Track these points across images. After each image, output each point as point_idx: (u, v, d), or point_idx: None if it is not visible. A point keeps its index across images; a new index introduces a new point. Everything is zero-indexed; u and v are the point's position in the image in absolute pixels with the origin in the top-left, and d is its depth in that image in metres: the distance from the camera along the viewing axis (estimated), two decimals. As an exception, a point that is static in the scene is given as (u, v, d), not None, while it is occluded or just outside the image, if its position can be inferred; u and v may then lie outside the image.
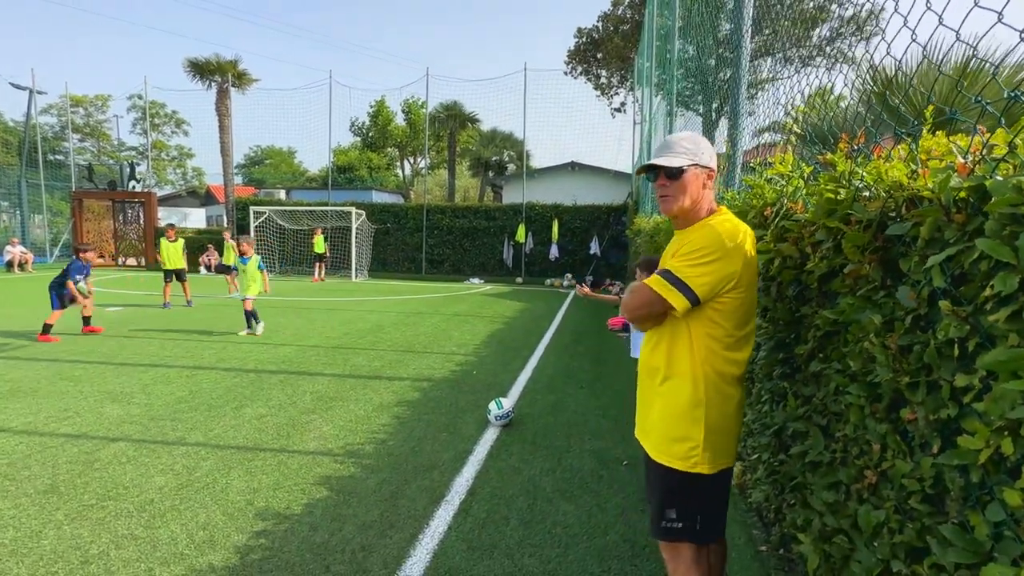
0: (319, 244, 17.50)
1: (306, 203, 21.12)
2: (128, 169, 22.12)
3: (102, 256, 20.94)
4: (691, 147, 1.68)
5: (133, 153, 36.64)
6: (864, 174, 1.52)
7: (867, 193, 1.49)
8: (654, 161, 1.68)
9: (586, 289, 4.86)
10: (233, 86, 22.06)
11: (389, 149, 43.26)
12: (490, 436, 4.23)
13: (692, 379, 1.62)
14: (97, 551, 2.64)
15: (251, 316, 8.21)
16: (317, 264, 17.63)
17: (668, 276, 1.57)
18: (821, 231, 1.61)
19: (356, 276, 18.03)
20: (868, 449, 1.44)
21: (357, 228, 18.18)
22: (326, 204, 19.95)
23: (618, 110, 26.74)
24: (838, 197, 1.55)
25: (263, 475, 3.47)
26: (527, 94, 19.55)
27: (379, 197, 27.61)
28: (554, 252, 18.12)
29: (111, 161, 34.39)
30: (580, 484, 3.44)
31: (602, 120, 25.96)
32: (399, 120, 40.19)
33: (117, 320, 9.19)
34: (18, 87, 21.68)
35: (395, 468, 3.61)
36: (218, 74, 21.87)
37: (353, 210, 18.11)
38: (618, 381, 5.91)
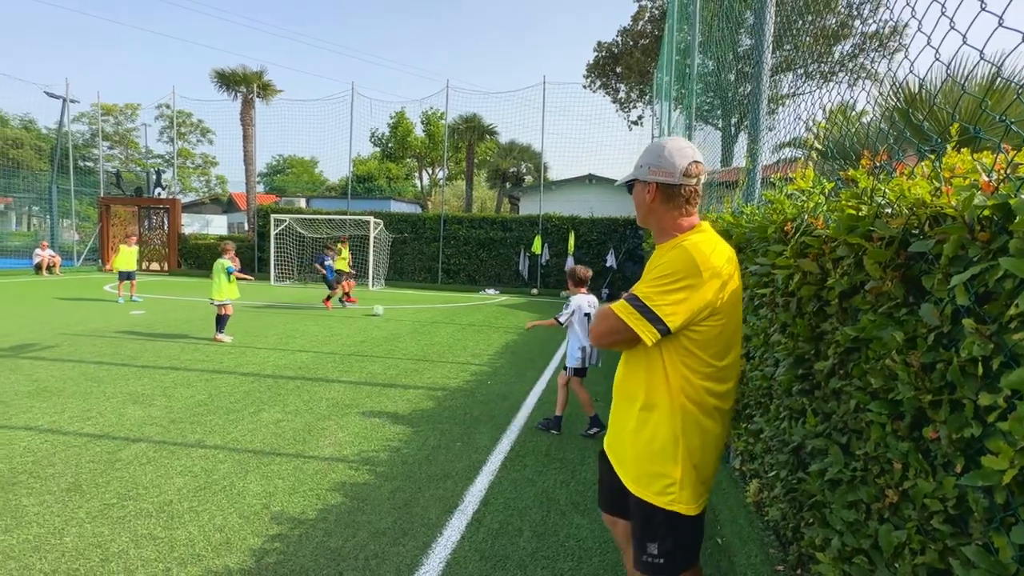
0: (343, 254, 17.68)
1: (325, 212, 21.41)
2: (154, 176, 22.67)
3: (127, 261, 21.40)
4: (638, 160, 1.63)
5: (160, 161, 37.54)
6: (887, 191, 1.52)
7: (889, 210, 1.49)
8: (620, 180, 1.73)
9: (533, 323, 4.94)
10: (258, 96, 22.55)
11: (408, 160, 43.76)
12: (504, 447, 4.23)
13: (669, 412, 1.50)
14: (117, 549, 2.69)
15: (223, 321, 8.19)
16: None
17: (636, 303, 1.44)
18: (842, 247, 1.60)
19: (373, 285, 18.19)
20: (889, 468, 1.42)
21: (375, 237, 18.37)
22: (345, 213, 20.21)
23: (635, 123, 26.80)
24: (860, 213, 1.55)
25: (279, 479, 3.51)
26: (545, 107, 19.68)
27: (397, 207, 27.91)
28: (570, 264, 18.12)
29: (138, 168, 35.30)
30: (594, 498, 3.42)
31: (619, 133, 26.02)
32: (418, 131, 40.67)
33: (140, 322, 9.37)
34: (52, 96, 22.39)
35: (409, 476, 3.62)
36: (243, 84, 22.38)
37: (371, 219, 18.32)
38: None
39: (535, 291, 18.38)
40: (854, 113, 2.47)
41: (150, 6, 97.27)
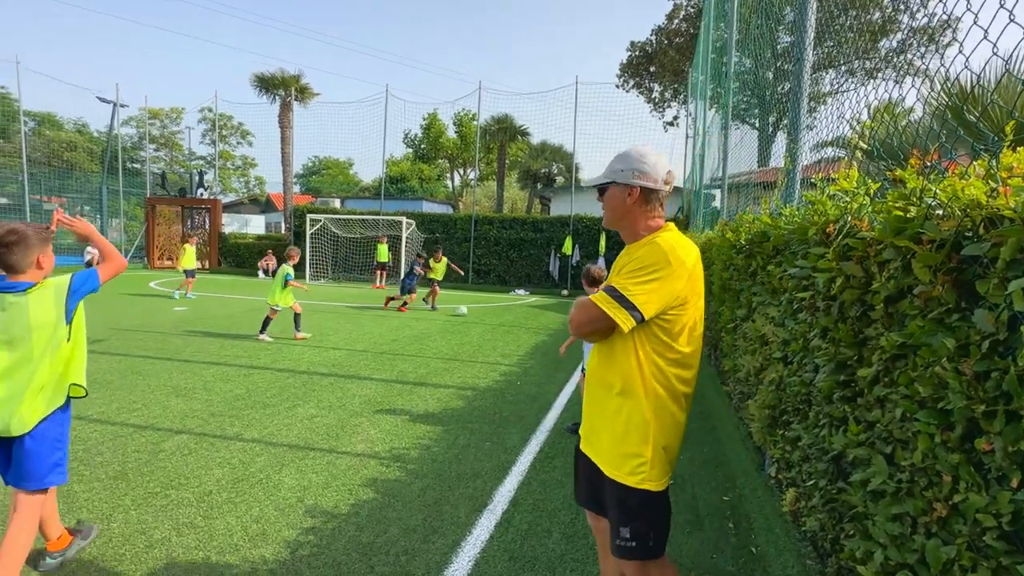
0: (383, 253, 17.96)
1: (359, 212, 21.79)
2: (197, 177, 23.47)
3: (170, 259, 22.21)
4: (617, 165, 1.74)
5: (202, 162, 38.84)
6: (938, 191, 1.45)
7: (941, 211, 1.43)
8: (585, 183, 1.86)
9: (564, 347, 4.94)
10: (295, 99, 23.11)
11: (440, 161, 44.17)
12: (533, 447, 4.22)
13: (643, 396, 1.65)
14: (160, 536, 2.79)
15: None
16: (379, 271, 18.09)
17: (613, 293, 1.58)
18: (889, 250, 1.54)
19: (404, 284, 18.43)
20: (938, 480, 1.36)
21: (407, 237, 18.60)
22: (378, 213, 20.53)
23: (670, 124, 26.42)
24: (908, 215, 1.49)
25: (313, 474, 3.58)
26: (577, 107, 19.59)
27: (429, 207, 28.19)
28: (600, 265, 18.00)
29: (182, 170, 36.59)
30: (624, 501, 3.38)
31: (653, 134, 25.71)
32: (450, 132, 41.02)
33: (182, 319, 9.71)
34: (104, 100, 23.44)
35: (438, 474, 3.65)
36: (282, 88, 22.97)
37: (404, 219, 18.56)
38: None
39: (565, 292, 18.30)
40: (901, 111, 2.38)
41: (196, 14, 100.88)
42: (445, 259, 13.44)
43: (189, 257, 13.37)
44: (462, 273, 16.03)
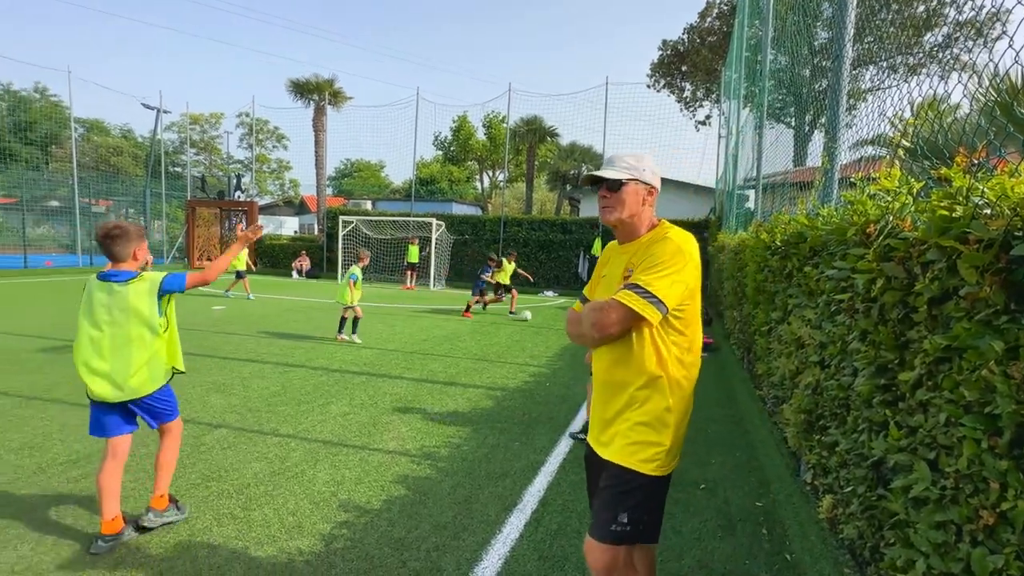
0: (413, 254, 18.17)
1: (390, 214, 22.10)
2: (234, 180, 24.18)
3: (210, 259, 22.92)
4: (633, 163, 1.81)
5: (239, 166, 40.03)
6: (985, 190, 1.41)
7: (988, 210, 1.38)
8: (597, 173, 1.82)
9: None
10: (329, 104, 23.60)
11: (469, 163, 44.45)
12: (563, 448, 4.22)
13: (667, 387, 1.72)
14: (202, 526, 2.89)
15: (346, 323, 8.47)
16: (410, 272, 18.31)
17: (639, 290, 1.64)
18: (933, 250, 1.50)
19: (434, 285, 18.60)
20: (985, 487, 1.32)
21: (437, 239, 18.78)
22: (408, 215, 20.79)
23: (702, 123, 26.02)
24: (954, 214, 1.45)
25: (346, 469, 3.66)
26: (608, 107, 19.46)
27: (459, 209, 28.39)
28: (630, 267, 17.86)
29: (220, 173, 37.73)
30: (654, 504, 3.35)
31: (684, 134, 25.35)
32: (480, 135, 41.25)
33: (221, 318, 10.02)
34: (148, 107, 24.36)
35: (468, 473, 3.69)
36: (316, 93, 23.49)
37: (433, 221, 18.74)
38: (695, 401, 5.70)
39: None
40: (947, 107, 2.30)
41: (237, 21, 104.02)
42: (514, 263, 13.28)
43: (240, 258, 13.70)
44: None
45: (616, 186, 1.79)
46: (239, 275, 13.74)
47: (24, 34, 78.28)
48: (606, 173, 1.80)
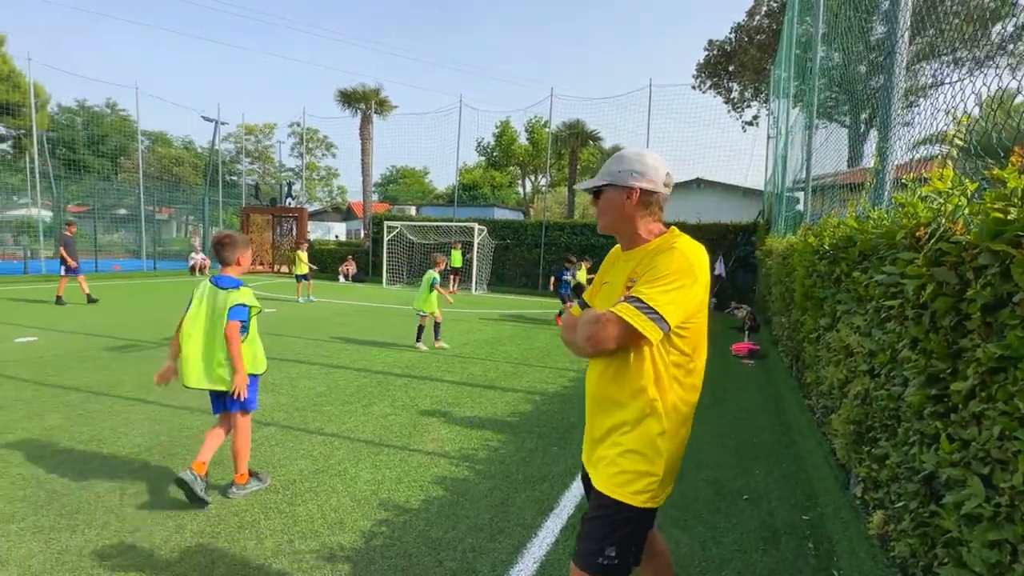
0: (456, 259, 18.44)
1: (433, 219, 22.48)
2: (286, 188, 25.13)
3: (262, 264, 23.89)
4: (614, 167, 1.67)
5: (291, 173, 41.58)
6: (1043, 191, 1.33)
7: (1046, 212, 1.31)
8: (579, 186, 1.78)
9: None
10: (375, 112, 24.24)
11: (511, 167, 44.70)
12: (600, 454, 4.19)
13: (662, 412, 1.58)
14: (250, 519, 3.02)
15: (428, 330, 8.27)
16: (453, 276, 18.58)
17: (639, 304, 1.49)
18: (985, 255, 1.43)
19: (476, 289, 18.78)
20: (1043, 506, 1.24)
21: (479, 243, 18.96)
22: (451, 220, 21.08)
23: (750, 124, 25.32)
24: (1008, 217, 1.38)
25: (387, 469, 3.75)
26: (651, 110, 19.22)
27: (500, 214, 28.58)
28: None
29: (273, 181, 39.27)
30: (695, 514, 3.29)
31: (731, 135, 24.73)
32: (522, 140, 41.43)
33: (273, 320, 10.43)
34: (207, 119, 25.64)
35: (506, 476, 3.71)
36: (363, 102, 24.18)
37: (475, 226, 18.93)
38: (738, 408, 5.55)
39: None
40: (1017, 102, 2.18)
41: (288, 35, 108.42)
42: (586, 269, 12.83)
43: (302, 263, 14.10)
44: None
45: (595, 194, 1.72)
46: (300, 278, 14.04)
47: (98, 53, 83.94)
48: (585, 183, 1.72)
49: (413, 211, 31.18)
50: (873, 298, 2.51)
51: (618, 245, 1.80)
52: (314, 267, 15.06)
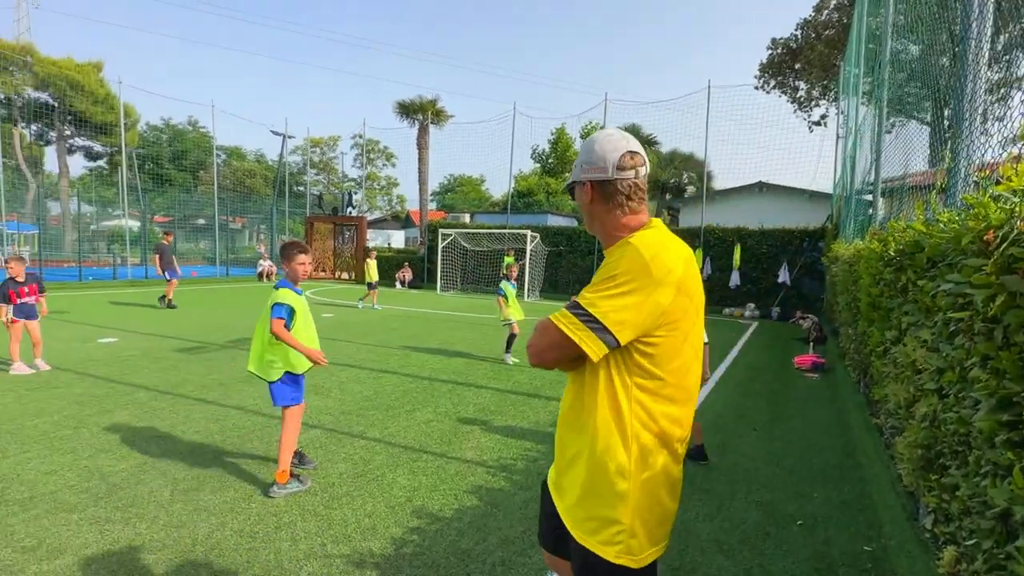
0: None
1: (487, 226, 22.66)
2: (347, 197, 26.08)
3: (324, 270, 24.87)
4: (580, 159, 1.43)
5: (352, 184, 43.16)
6: None
7: None
8: (566, 185, 1.53)
9: None
10: (431, 122, 24.78)
11: (567, 174, 44.57)
12: (643, 469, 4.02)
13: (620, 444, 1.28)
14: (288, 520, 3.09)
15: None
16: None
17: (577, 311, 1.24)
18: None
19: (528, 296, 18.74)
20: None
21: (531, 250, 18.94)
22: (504, 227, 21.18)
23: (817, 123, 24.06)
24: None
25: (423, 476, 3.75)
26: (710, 112, 18.61)
27: (554, 221, 28.49)
28: (735, 279, 16.75)
29: (336, 191, 40.89)
30: (741, 538, 3.08)
31: (796, 136, 23.55)
32: (577, 146, 41.24)
33: (328, 325, 10.78)
34: (276, 133, 27.04)
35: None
36: (420, 112, 24.79)
37: (528, 233, 18.93)
38: (798, 426, 5.21)
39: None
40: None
41: (352, 51, 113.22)
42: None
43: (372, 270, 14.39)
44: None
45: (572, 194, 1.49)
46: (371, 286, 14.34)
47: (182, 74, 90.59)
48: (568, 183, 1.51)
49: (467, 218, 31.59)
50: (941, 309, 2.27)
51: None
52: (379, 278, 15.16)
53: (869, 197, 8.00)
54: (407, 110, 25.07)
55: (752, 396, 6.39)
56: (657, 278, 1.21)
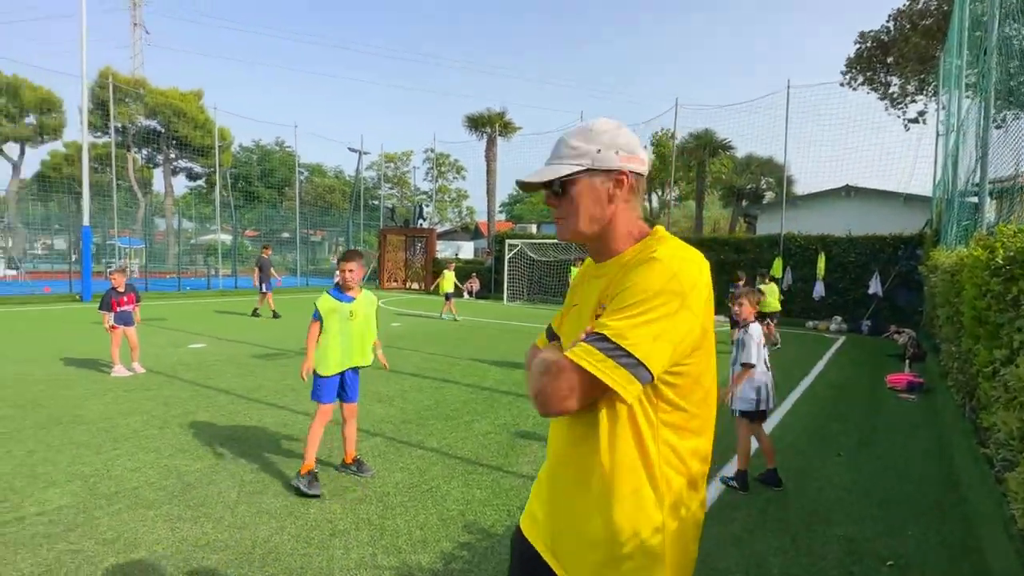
0: (575, 275, 18.36)
1: (552, 236, 22.58)
2: (418, 210, 26.89)
3: (395, 280, 25.69)
4: (582, 144, 1.15)
5: (424, 196, 44.51)
6: None
7: None
8: (525, 178, 1.19)
9: (730, 392, 4.04)
10: (499, 135, 25.12)
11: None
12: (711, 493, 3.76)
13: (650, 492, 1.07)
14: (343, 528, 3.12)
15: None
16: None
17: (604, 345, 1.00)
18: None
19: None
20: None
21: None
22: (571, 237, 21.00)
23: (914, 121, 22.18)
24: None
25: (478, 489, 3.69)
26: (790, 113, 17.62)
27: (623, 230, 27.95)
28: (819, 290, 15.61)
29: (409, 204, 42.32)
30: (819, 575, 2.79)
31: (888, 135, 21.78)
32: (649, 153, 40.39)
33: (397, 334, 11.07)
34: (353, 150, 28.41)
35: (600, 508, 3.46)
36: (488, 125, 25.22)
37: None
38: (891, 453, 4.71)
39: (771, 320, 16.29)
40: None
41: (419, 68, 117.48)
42: (775, 285, 10.51)
43: (448, 281, 14.45)
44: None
45: (558, 189, 1.17)
46: (448, 296, 14.44)
47: (270, 98, 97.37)
48: (537, 174, 1.18)
49: (534, 229, 31.67)
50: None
51: (589, 259, 1.33)
52: (451, 287, 15.12)
53: (974, 199, 7.20)
54: (475, 123, 25.57)
55: (837, 417, 5.88)
56: (689, 299, 1.04)
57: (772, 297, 10.82)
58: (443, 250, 33.84)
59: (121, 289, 6.87)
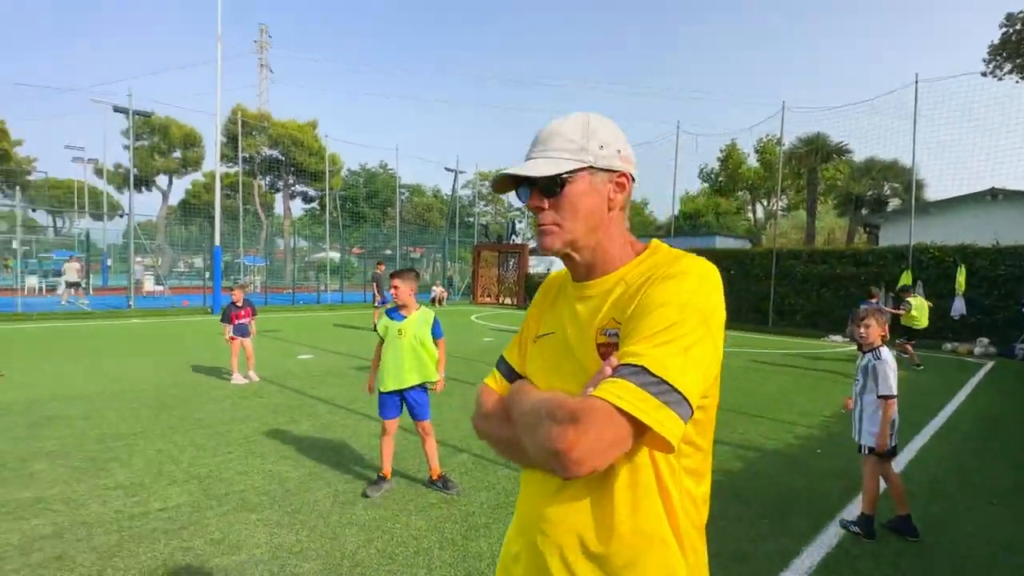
0: None
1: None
2: (511, 226, 27.29)
3: (489, 296, 26.15)
4: (578, 138, 0.96)
5: (517, 213, 45.17)
6: None
7: None
8: (511, 170, 0.99)
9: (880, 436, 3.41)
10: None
11: (739, 193, 41.44)
12: (830, 538, 3.33)
13: (677, 552, 0.90)
14: (427, 546, 3.10)
15: None
16: None
17: (647, 380, 0.79)
18: None
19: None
20: None
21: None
22: (667, 251, 20.27)
23: (1078, 112, 19.08)
24: None
25: (564, 515, 3.53)
26: (919, 111, 15.85)
27: (722, 242, 26.55)
28: (958, 308, 13.71)
29: (503, 220, 43.14)
30: (972, 653, 2.33)
31: (1045, 130, 18.77)
32: (751, 161, 38.20)
33: (487, 349, 11.18)
34: (449, 170, 29.53)
35: (698, 546, 3.17)
36: (580, 140, 25.14)
37: (692, 256, 17.82)
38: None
39: (901, 341, 14.48)
40: None
41: (512, 86, 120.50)
42: (922, 298, 9.94)
43: None
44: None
45: (553, 187, 0.97)
46: None
47: (374, 124, 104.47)
48: (528, 168, 0.97)
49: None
50: None
51: (555, 274, 1.17)
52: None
53: None
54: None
55: (986, 456, 5.04)
56: (716, 320, 0.90)
57: (921, 313, 9.64)
58: (536, 265, 34.01)
59: (239, 303, 7.52)
